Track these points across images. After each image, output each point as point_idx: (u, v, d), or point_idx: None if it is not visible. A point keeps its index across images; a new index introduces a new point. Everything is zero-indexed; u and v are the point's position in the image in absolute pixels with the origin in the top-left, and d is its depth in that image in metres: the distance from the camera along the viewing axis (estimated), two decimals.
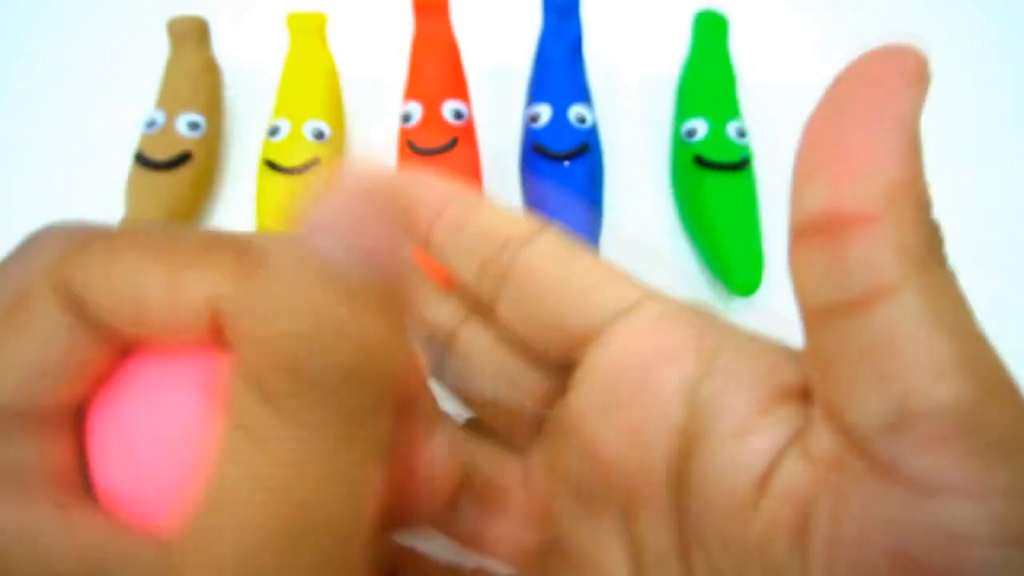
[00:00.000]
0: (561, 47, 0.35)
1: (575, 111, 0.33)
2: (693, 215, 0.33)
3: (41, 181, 0.36)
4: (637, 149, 0.37)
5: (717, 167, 0.33)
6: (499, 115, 0.37)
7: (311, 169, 0.32)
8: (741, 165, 0.33)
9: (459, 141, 0.33)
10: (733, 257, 0.31)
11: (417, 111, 0.33)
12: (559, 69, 0.35)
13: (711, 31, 0.37)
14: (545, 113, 0.33)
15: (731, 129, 0.34)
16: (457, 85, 0.34)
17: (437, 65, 0.34)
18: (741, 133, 0.34)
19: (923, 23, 0.44)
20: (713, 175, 0.33)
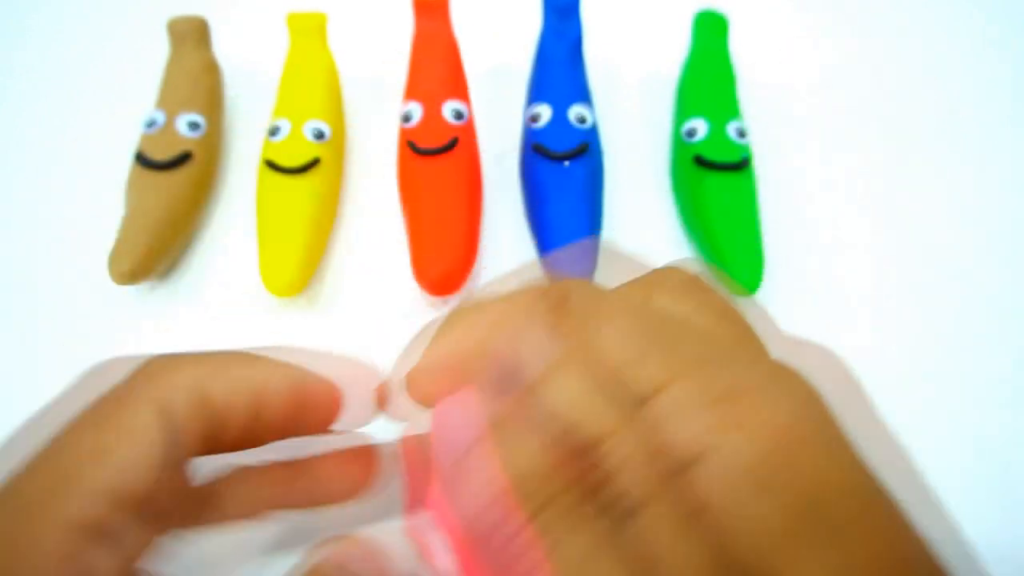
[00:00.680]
0: (561, 47, 0.35)
1: (575, 111, 0.33)
2: (693, 215, 0.33)
3: (41, 181, 0.36)
4: (637, 149, 0.37)
5: (717, 167, 0.33)
6: (499, 115, 0.37)
7: (311, 169, 0.32)
8: (741, 165, 0.33)
9: (459, 141, 0.32)
10: (733, 257, 0.31)
11: (417, 111, 0.33)
12: (559, 69, 0.35)
13: (711, 31, 0.37)
14: (545, 113, 0.33)
15: (731, 129, 0.34)
16: (457, 85, 0.34)
17: (437, 65, 0.34)
18: (741, 133, 0.34)
19: (923, 23, 0.44)
20: (713, 175, 0.33)
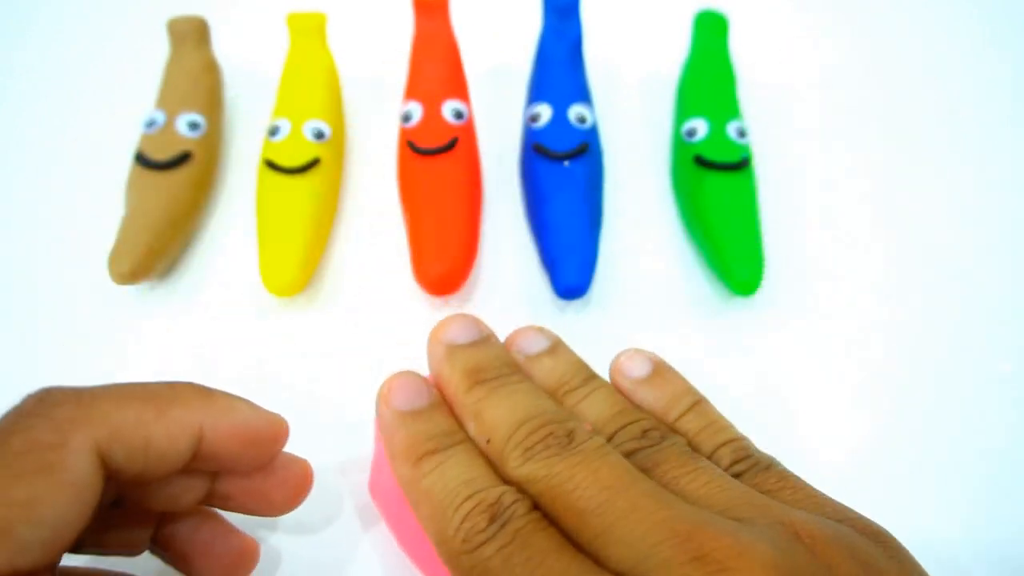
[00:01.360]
0: (561, 47, 0.35)
1: (575, 111, 0.33)
2: (693, 215, 0.33)
3: (41, 181, 0.36)
4: (637, 149, 0.37)
5: (717, 167, 0.33)
6: (499, 115, 0.37)
7: (311, 169, 0.32)
8: (741, 165, 0.33)
9: (459, 141, 0.32)
10: (733, 257, 0.31)
11: (417, 111, 0.33)
12: (559, 69, 0.35)
13: (711, 31, 0.37)
14: (545, 113, 0.33)
15: (731, 129, 0.34)
16: (457, 85, 0.34)
17: (437, 65, 0.34)
18: (741, 133, 0.34)
19: (923, 23, 0.44)
20: (713, 175, 0.33)
